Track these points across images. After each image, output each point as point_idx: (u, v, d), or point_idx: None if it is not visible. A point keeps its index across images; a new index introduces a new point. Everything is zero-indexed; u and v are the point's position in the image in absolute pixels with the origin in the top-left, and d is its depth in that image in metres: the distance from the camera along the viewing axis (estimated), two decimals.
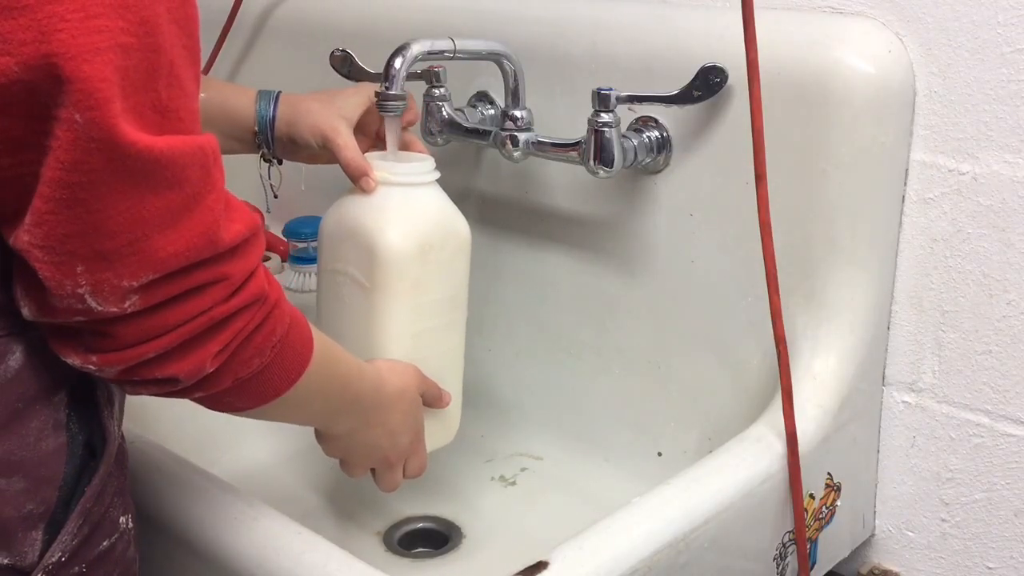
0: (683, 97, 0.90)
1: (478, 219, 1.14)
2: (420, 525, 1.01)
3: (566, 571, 0.70)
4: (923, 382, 0.94)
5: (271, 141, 0.96)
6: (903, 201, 0.92)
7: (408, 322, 0.89)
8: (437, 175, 0.91)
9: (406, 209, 0.89)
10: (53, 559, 0.62)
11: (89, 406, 0.64)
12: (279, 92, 0.97)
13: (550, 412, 1.10)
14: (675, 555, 0.75)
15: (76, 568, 0.64)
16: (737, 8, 0.79)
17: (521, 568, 0.69)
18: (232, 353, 0.62)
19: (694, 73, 0.89)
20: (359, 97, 0.94)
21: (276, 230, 1.29)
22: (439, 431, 0.94)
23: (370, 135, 0.97)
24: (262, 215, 1.02)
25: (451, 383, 0.94)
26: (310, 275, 1.22)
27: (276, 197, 1.06)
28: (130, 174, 0.53)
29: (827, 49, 0.86)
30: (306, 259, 1.22)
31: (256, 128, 0.96)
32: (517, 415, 1.13)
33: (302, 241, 1.23)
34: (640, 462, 1.02)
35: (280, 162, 1.00)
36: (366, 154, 0.91)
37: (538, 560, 0.70)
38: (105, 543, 0.66)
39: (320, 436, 0.84)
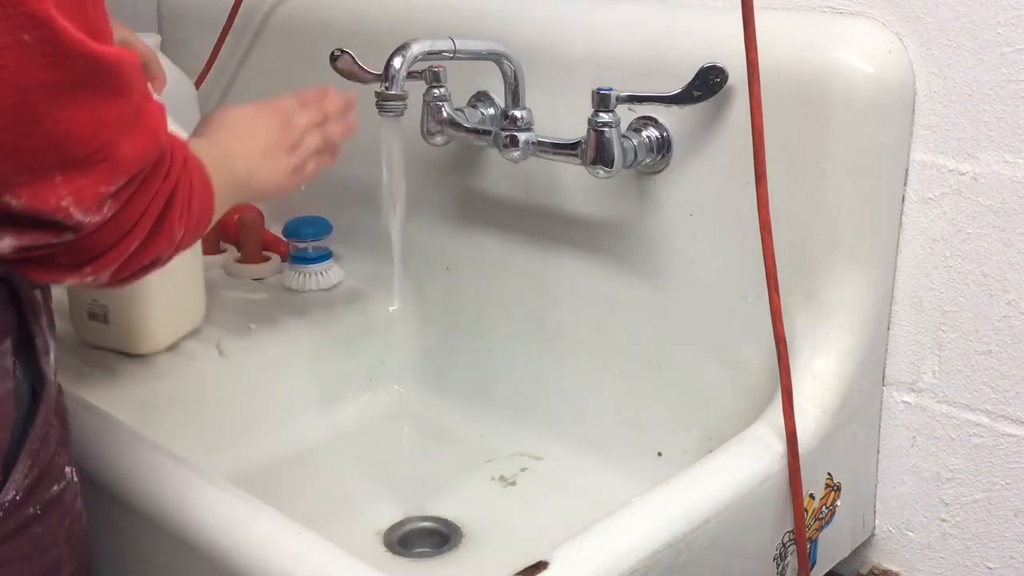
0: (683, 97, 0.90)
1: (478, 219, 1.14)
2: (420, 525, 1.00)
3: (566, 571, 0.69)
4: (923, 382, 0.94)
5: None
6: (903, 201, 0.92)
7: None
8: None
9: None
10: (8, 497, 0.65)
11: (30, 354, 0.67)
12: None
13: (550, 412, 1.10)
14: (675, 555, 0.75)
15: (31, 509, 0.67)
16: (737, 8, 0.79)
17: (521, 568, 0.69)
18: (188, 209, 0.68)
19: (694, 73, 0.89)
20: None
21: (276, 230, 1.29)
22: None
23: None
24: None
25: None
26: (310, 275, 1.22)
27: None
28: (85, 81, 0.56)
29: (827, 49, 0.86)
30: (306, 259, 1.22)
31: None
32: (517, 415, 1.13)
33: (302, 241, 1.23)
34: (640, 462, 1.02)
35: None
36: None
37: (538, 560, 0.70)
38: (55, 488, 0.69)
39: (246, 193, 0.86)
